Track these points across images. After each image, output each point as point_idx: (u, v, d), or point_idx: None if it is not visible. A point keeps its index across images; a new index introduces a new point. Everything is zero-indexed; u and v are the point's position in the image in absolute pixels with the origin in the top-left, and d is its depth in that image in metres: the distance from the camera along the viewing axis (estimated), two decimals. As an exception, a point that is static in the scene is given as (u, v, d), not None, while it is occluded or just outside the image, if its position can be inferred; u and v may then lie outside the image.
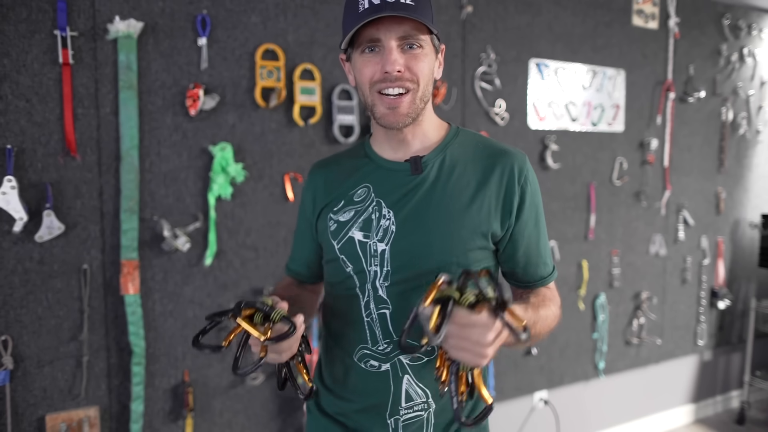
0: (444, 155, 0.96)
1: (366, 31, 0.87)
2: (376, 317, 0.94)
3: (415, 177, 0.95)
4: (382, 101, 0.90)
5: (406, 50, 0.88)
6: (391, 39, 0.86)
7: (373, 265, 0.93)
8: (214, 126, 1.75)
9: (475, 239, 0.92)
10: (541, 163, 2.35)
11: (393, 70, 0.86)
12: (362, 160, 1.01)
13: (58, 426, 1.60)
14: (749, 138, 2.96)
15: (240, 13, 1.77)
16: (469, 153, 0.97)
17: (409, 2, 0.85)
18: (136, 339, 1.66)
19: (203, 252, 1.76)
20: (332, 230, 0.98)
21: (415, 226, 0.92)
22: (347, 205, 0.97)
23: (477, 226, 0.92)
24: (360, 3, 0.86)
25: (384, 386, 0.95)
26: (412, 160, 0.95)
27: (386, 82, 0.88)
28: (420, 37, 0.88)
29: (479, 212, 0.92)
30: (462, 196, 0.93)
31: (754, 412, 3.05)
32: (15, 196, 1.48)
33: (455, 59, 2.13)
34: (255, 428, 1.89)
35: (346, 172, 1.01)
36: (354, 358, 0.97)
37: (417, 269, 0.91)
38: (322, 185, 1.03)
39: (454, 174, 0.95)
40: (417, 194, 0.93)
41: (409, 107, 0.90)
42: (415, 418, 0.96)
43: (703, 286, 2.87)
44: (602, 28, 2.46)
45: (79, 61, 1.57)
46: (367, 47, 0.89)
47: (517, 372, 2.38)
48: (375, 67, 0.88)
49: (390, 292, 0.93)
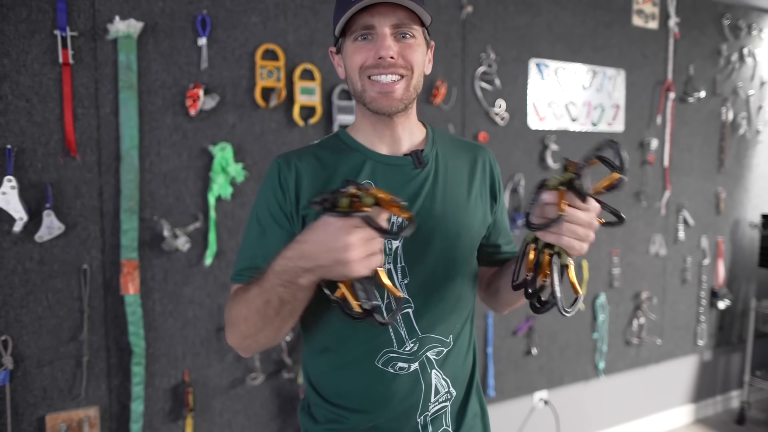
0: (436, 149, 0.98)
1: (359, 18, 0.86)
2: (399, 317, 0.91)
3: (418, 171, 0.94)
4: (372, 86, 0.88)
5: (399, 39, 0.88)
6: (385, 26, 0.86)
7: (387, 263, 0.90)
8: (214, 126, 1.75)
9: (479, 228, 0.99)
10: (541, 163, 2.35)
11: (387, 55, 0.85)
12: (351, 155, 0.94)
13: (58, 426, 1.60)
14: (749, 138, 2.96)
15: (240, 13, 1.77)
16: (450, 148, 1.01)
17: None
18: (136, 339, 1.66)
19: (203, 252, 1.76)
20: None
21: (426, 219, 0.92)
22: None
23: (480, 216, 0.98)
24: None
25: (416, 386, 0.92)
26: (413, 154, 0.95)
27: (379, 68, 0.87)
28: (413, 26, 0.88)
29: (477, 203, 0.98)
30: (461, 187, 0.98)
31: (754, 412, 3.05)
32: (15, 196, 1.48)
33: (455, 59, 2.13)
34: (255, 428, 1.89)
35: (331, 167, 0.93)
36: (378, 364, 0.91)
37: (431, 262, 0.92)
38: (306, 181, 0.91)
39: (449, 167, 0.98)
40: (424, 188, 0.94)
41: (403, 93, 0.89)
42: (441, 409, 0.96)
43: (703, 286, 2.87)
44: (602, 28, 2.46)
45: (79, 61, 1.57)
46: (360, 35, 0.87)
47: (517, 372, 2.38)
48: (367, 54, 0.87)
49: (410, 291, 0.91)
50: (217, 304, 1.79)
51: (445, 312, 0.95)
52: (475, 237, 0.99)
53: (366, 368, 0.92)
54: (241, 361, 1.84)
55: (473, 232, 0.97)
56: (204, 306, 1.78)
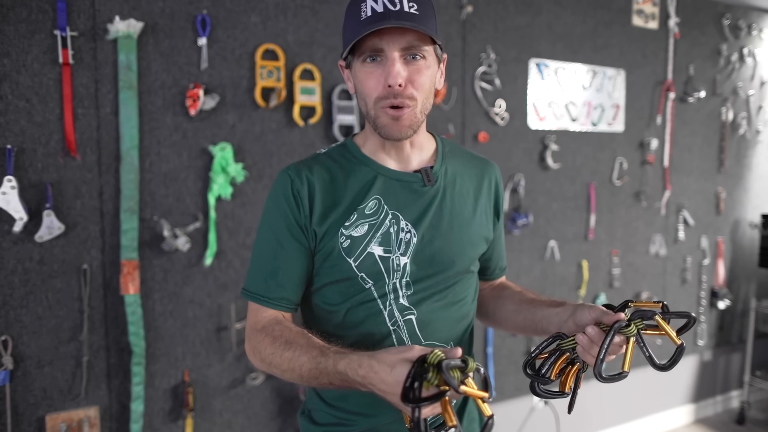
0: (446, 166, 0.99)
1: (368, 40, 0.84)
2: (402, 324, 0.93)
3: (428, 188, 0.95)
4: (385, 113, 0.88)
5: (409, 61, 0.86)
6: (394, 50, 0.84)
7: (394, 278, 0.92)
8: (214, 126, 1.75)
9: (481, 245, 1.01)
10: (541, 163, 2.35)
11: (395, 83, 0.84)
12: (361, 169, 0.95)
13: (58, 426, 1.60)
14: (749, 138, 2.96)
15: (240, 13, 1.77)
16: (460, 163, 1.02)
17: (413, 11, 0.82)
18: (136, 339, 1.66)
19: (203, 252, 1.76)
20: (345, 247, 0.90)
21: (434, 236, 0.94)
22: (360, 219, 0.91)
23: (483, 232, 1.01)
24: (362, 10, 0.84)
25: None
26: (423, 172, 0.96)
27: (389, 98, 0.86)
28: (423, 47, 0.86)
29: (481, 219, 1.01)
30: (467, 204, 0.99)
31: (754, 412, 3.05)
32: (15, 196, 1.48)
33: (455, 59, 2.13)
34: (255, 428, 1.89)
35: (343, 180, 0.94)
36: None
37: (437, 277, 0.95)
38: (319, 193, 0.92)
39: (457, 184, 0.99)
40: (433, 205, 0.95)
41: (410, 120, 0.88)
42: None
43: (703, 286, 2.87)
44: (602, 28, 2.46)
45: (79, 61, 1.57)
46: (369, 56, 0.86)
47: (517, 372, 2.38)
48: (378, 80, 0.86)
49: (412, 300, 0.93)
50: (217, 304, 1.79)
51: (447, 321, 0.97)
52: (478, 252, 1.01)
53: None
54: (241, 361, 1.84)
55: (476, 247, 1.00)
56: (204, 306, 1.78)
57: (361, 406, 0.95)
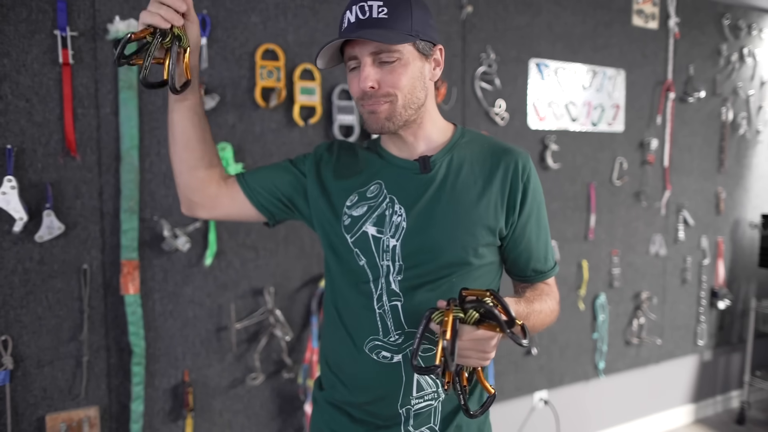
0: (452, 155, 1.01)
1: (347, 49, 0.93)
2: (388, 309, 0.96)
3: (424, 175, 0.99)
4: (365, 111, 0.95)
5: (383, 63, 0.91)
6: (365, 55, 0.90)
7: (385, 260, 0.96)
8: (214, 126, 1.75)
9: (483, 235, 0.97)
10: (541, 163, 2.35)
11: (365, 86, 0.91)
12: (374, 156, 1.05)
13: (58, 426, 1.60)
14: (749, 138, 2.96)
15: (240, 13, 1.77)
16: (476, 152, 1.01)
17: (382, 16, 0.88)
18: (136, 339, 1.66)
19: (203, 252, 1.76)
20: (346, 224, 1.00)
21: (424, 223, 0.96)
22: (360, 201, 1.00)
23: (485, 222, 0.97)
24: (344, 20, 0.92)
25: (396, 377, 0.97)
26: (420, 160, 1.00)
27: (364, 99, 0.93)
28: (393, 49, 0.89)
29: (486, 209, 0.97)
30: (470, 193, 0.98)
31: (754, 412, 3.05)
32: (15, 196, 1.48)
33: (455, 59, 2.13)
34: (255, 428, 1.89)
35: (359, 164, 1.05)
36: (365, 349, 0.98)
37: (428, 265, 0.96)
38: (334, 164, 1.06)
39: (462, 173, 0.99)
40: (427, 192, 0.98)
41: (388, 113, 0.93)
42: (426, 407, 0.99)
43: (703, 286, 2.87)
44: (602, 28, 2.46)
45: (79, 61, 1.57)
46: (350, 64, 0.94)
47: (517, 372, 2.38)
48: (356, 83, 0.93)
49: (402, 286, 0.96)
50: (217, 304, 1.79)
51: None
52: (477, 241, 0.96)
53: (356, 349, 0.99)
54: (241, 361, 1.84)
55: (473, 236, 0.96)
56: (204, 306, 1.78)
57: (347, 379, 1.02)
